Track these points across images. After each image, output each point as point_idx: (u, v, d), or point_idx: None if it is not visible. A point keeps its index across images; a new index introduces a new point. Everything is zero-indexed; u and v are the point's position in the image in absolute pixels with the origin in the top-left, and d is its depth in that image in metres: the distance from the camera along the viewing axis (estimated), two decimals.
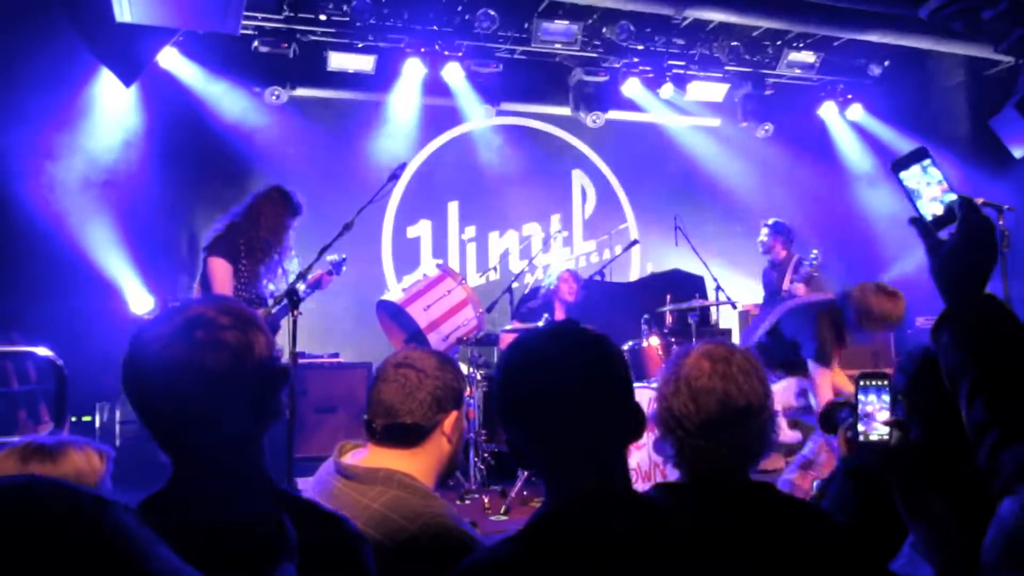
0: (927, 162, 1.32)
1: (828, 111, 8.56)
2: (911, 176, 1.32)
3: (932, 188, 1.31)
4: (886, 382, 2.07)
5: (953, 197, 1.29)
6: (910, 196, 1.32)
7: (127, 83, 5.86)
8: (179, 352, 1.29)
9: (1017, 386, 1.13)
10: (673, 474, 1.76)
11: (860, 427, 2.01)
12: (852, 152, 8.74)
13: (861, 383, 2.12)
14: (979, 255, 1.23)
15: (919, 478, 2.02)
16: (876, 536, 2.01)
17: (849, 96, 8.42)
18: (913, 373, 2.21)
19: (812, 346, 4.49)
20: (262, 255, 4.61)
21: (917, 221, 1.30)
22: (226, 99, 7.06)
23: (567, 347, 1.35)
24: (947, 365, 1.19)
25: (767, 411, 1.70)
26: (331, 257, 4.65)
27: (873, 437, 1.99)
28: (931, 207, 1.30)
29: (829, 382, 4.50)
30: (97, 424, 6.04)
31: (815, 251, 6.30)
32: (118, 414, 6.12)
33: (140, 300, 6.48)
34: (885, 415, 2.02)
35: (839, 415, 2.38)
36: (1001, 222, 5.21)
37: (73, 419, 5.51)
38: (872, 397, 2.04)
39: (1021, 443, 1.07)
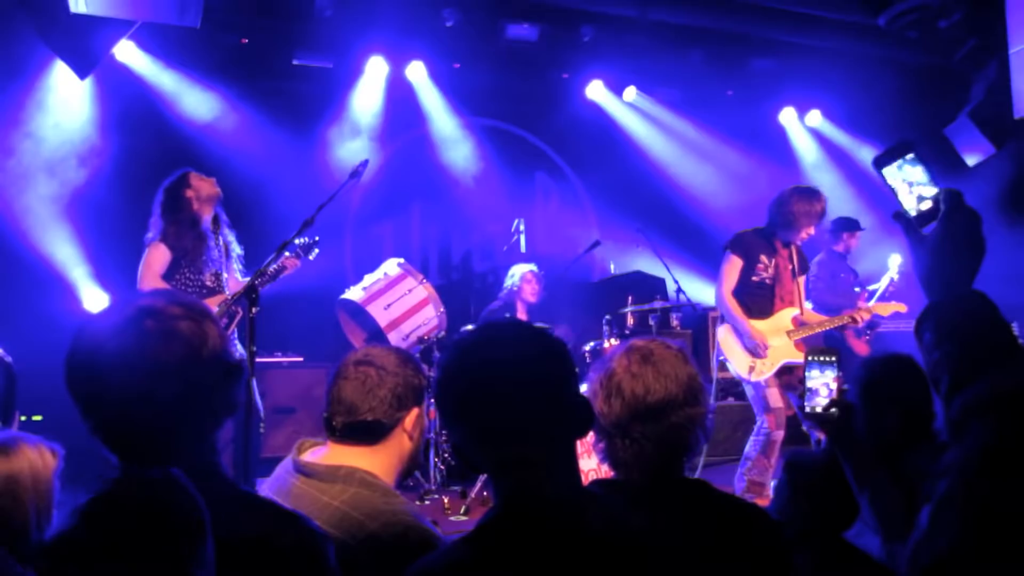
0: (911, 156, 1.29)
1: (787, 116, 8.68)
2: (894, 170, 1.29)
3: (916, 182, 1.27)
4: (833, 358, 2.14)
5: (936, 191, 1.25)
6: (893, 191, 1.28)
7: (82, 76, 5.72)
8: (129, 342, 1.24)
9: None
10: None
11: (804, 400, 2.13)
12: (811, 157, 8.87)
13: (809, 358, 2.20)
14: (964, 249, 1.19)
15: (866, 451, 2.08)
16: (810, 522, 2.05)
17: (808, 102, 8.55)
18: (874, 380, 2.30)
19: None
20: (191, 236, 4.56)
21: (900, 216, 1.26)
22: (184, 93, 6.94)
23: (503, 344, 1.32)
24: (929, 363, 1.15)
25: (692, 406, 1.66)
26: (300, 240, 4.55)
27: (818, 410, 2.10)
28: (915, 202, 1.27)
29: None
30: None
31: None
32: None
33: (94, 297, 6.35)
34: (825, 391, 2.13)
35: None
36: None
37: (23, 418, 5.37)
38: (816, 372, 2.14)
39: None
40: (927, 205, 1.25)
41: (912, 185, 1.27)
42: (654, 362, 1.66)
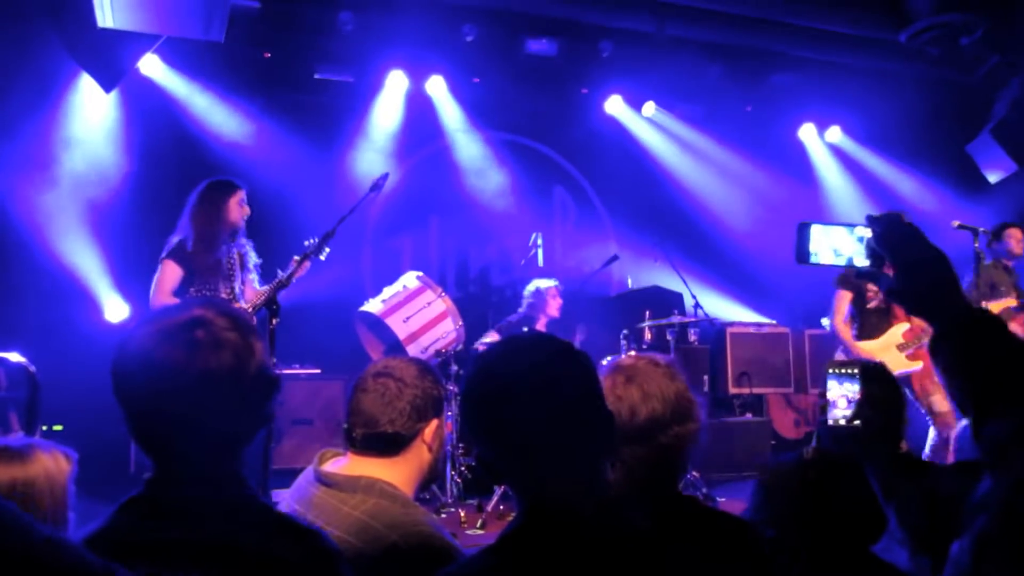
0: (818, 228, 1.27)
1: (807, 133, 8.65)
2: (820, 248, 1.27)
3: (844, 238, 1.26)
4: (855, 371, 2.11)
5: (863, 230, 1.24)
6: (833, 263, 1.26)
7: (107, 89, 5.81)
8: (179, 351, 1.26)
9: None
10: None
11: (824, 414, 2.09)
12: (830, 173, 8.83)
13: (829, 370, 2.17)
14: (924, 257, 1.16)
15: (892, 462, 2.04)
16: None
17: (828, 118, 8.53)
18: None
19: None
20: (213, 248, 4.55)
21: (861, 274, 1.25)
22: (207, 107, 7.02)
23: (532, 357, 1.31)
24: (951, 386, 1.13)
25: (681, 424, 1.63)
26: (308, 241, 4.50)
27: (840, 422, 2.06)
28: (859, 252, 1.25)
29: None
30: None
31: None
32: None
33: (116, 309, 6.41)
34: (845, 403, 2.09)
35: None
36: (976, 244, 5.31)
37: (44, 428, 5.42)
38: (833, 384, 2.10)
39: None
40: (866, 249, 1.24)
41: (843, 244, 1.26)
42: (639, 382, 1.63)
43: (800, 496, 1.87)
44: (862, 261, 1.25)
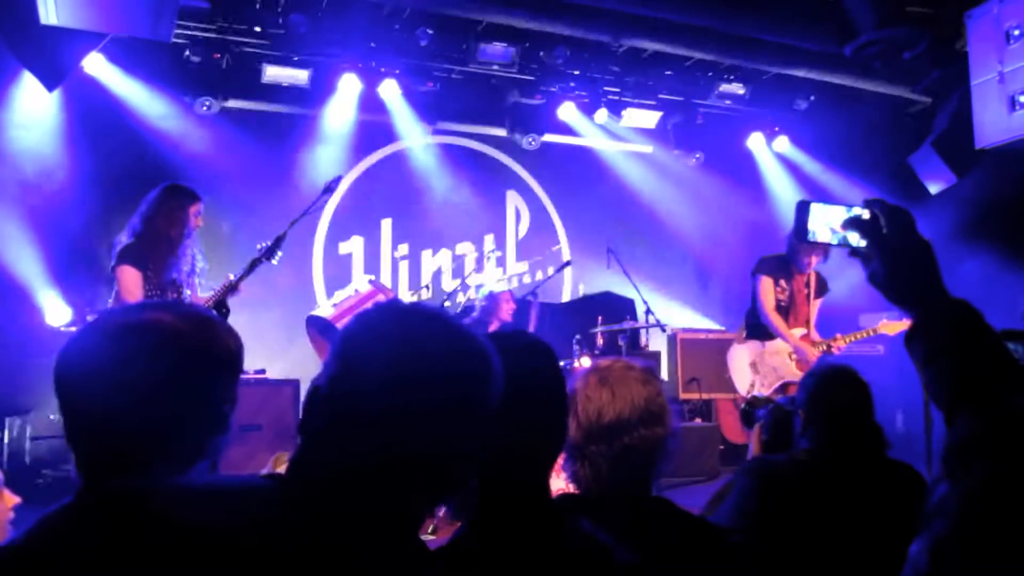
0: (817, 206, 1.28)
1: (756, 142, 8.80)
2: (817, 227, 1.28)
3: (842, 218, 1.27)
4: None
5: (859, 211, 1.24)
6: (836, 243, 1.27)
7: (50, 88, 5.65)
8: (129, 353, 1.24)
9: (995, 393, 1.04)
10: None
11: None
12: (778, 182, 9.00)
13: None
14: (915, 248, 1.17)
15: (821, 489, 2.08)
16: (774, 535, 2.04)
17: (776, 128, 8.68)
18: (812, 389, 2.30)
19: None
20: (166, 251, 4.46)
21: (855, 252, 1.25)
22: (154, 108, 6.88)
23: (519, 342, 1.35)
24: (925, 380, 1.12)
25: (648, 427, 1.66)
26: (260, 245, 4.42)
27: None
28: (853, 236, 1.26)
29: None
30: (6, 440, 5.78)
31: None
32: (29, 430, 5.87)
33: (57, 311, 6.24)
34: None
35: (758, 412, 2.46)
36: None
37: None
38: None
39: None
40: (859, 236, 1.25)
41: (839, 225, 1.27)
42: (611, 384, 1.67)
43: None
44: (857, 242, 1.25)
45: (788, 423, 2.33)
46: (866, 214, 1.24)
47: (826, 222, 1.28)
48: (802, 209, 1.29)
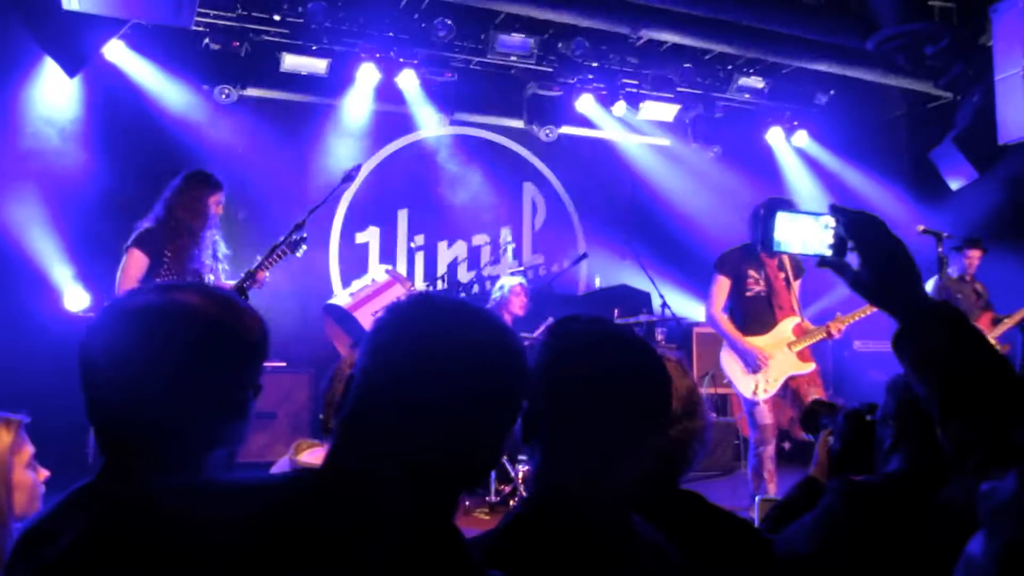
0: (783, 215, 1.27)
1: (775, 136, 8.74)
2: (784, 236, 1.27)
3: (809, 226, 1.25)
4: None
5: (828, 219, 1.23)
6: (804, 253, 1.27)
7: (71, 74, 5.69)
8: (150, 337, 1.24)
9: (989, 398, 1.05)
10: None
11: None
12: (797, 177, 8.93)
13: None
14: (887, 257, 1.16)
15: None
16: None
17: (796, 123, 8.61)
18: (907, 396, 1.90)
19: None
20: (186, 238, 4.49)
21: (824, 262, 1.24)
22: (173, 95, 6.90)
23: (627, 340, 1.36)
24: (915, 381, 1.12)
25: (690, 420, 1.65)
26: (289, 238, 4.46)
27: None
28: (822, 242, 1.25)
29: None
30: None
31: None
32: None
33: (76, 297, 6.28)
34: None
35: (822, 419, 2.25)
36: (940, 249, 5.40)
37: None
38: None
39: (997, 467, 0.97)
40: (830, 235, 1.24)
41: (808, 229, 1.26)
42: None
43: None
44: (827, 251, 1.24)
45: (868, 434, 1.98)
46: (833, 222, 1.23)
47: (793, 231, 1.26)
48: (767, 218, 1.28)
